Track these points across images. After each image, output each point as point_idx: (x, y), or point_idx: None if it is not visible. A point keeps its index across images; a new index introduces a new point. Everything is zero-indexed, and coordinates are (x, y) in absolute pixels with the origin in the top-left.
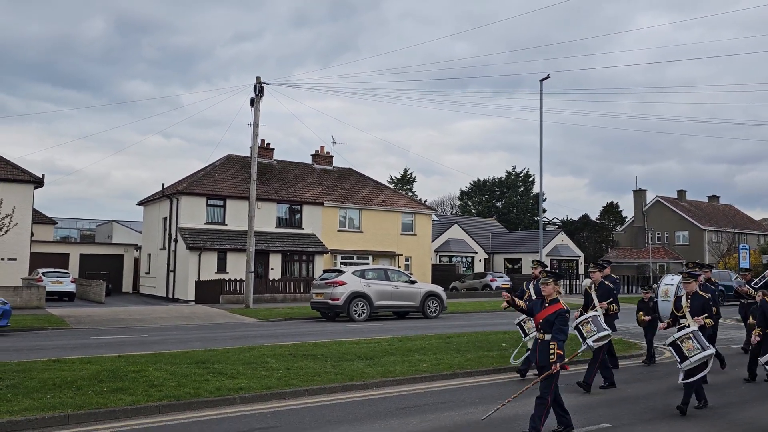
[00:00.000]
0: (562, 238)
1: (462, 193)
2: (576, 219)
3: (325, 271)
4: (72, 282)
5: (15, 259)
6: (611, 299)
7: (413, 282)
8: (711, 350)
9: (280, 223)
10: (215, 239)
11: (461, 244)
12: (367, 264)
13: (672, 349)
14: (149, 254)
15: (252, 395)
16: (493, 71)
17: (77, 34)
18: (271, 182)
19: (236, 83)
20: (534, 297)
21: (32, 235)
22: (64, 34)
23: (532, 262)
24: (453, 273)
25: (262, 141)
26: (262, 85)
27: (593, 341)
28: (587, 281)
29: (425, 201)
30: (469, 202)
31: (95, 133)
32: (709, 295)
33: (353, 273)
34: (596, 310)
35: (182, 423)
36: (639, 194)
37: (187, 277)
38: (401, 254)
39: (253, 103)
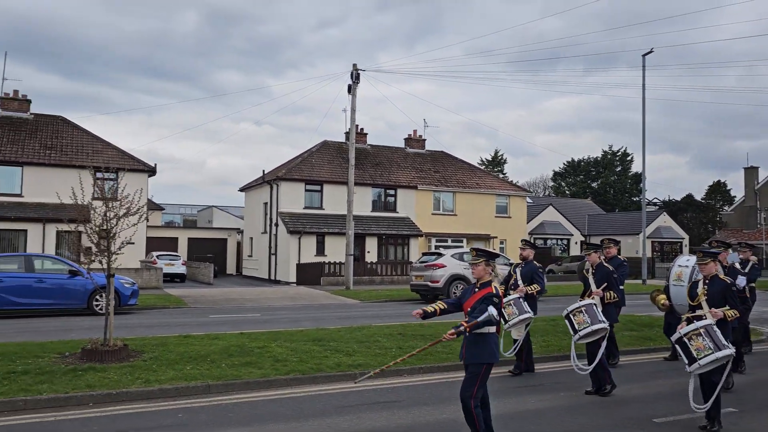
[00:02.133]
0: (664, 219)
1: (555, 173)
2: (679, 199)
3: (424, 254)
4: (183, 264)
5: (133, 243)
6: (606, 284)
7: (511, 264)
8: (728, 351)
9: (375, 206)
10: (314, 223)
11: (556, 226)
12: (462, 247)
13: (678, 348)
14: (251, 238)
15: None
16: (585, 48)
17: (172, 28)
18: (366, 167)
19: (322, 69)
20: (520, 282)
21: (147, 220)
22: (160, 29)
23: (521, 241)
24: (549, 256)
25: (356, 126)
26: (359, 71)
27: (584, 334)
28: (587, 264)
29: (516, 182)
30: (563, 183)
31: (195, 124)
32: (731, 280)
33: (452, 256)
34: (592, 298)
35: (310, 395)
36: (750, 172)
37: (288, 260)
38: (496, 237)
39: (350, 89)
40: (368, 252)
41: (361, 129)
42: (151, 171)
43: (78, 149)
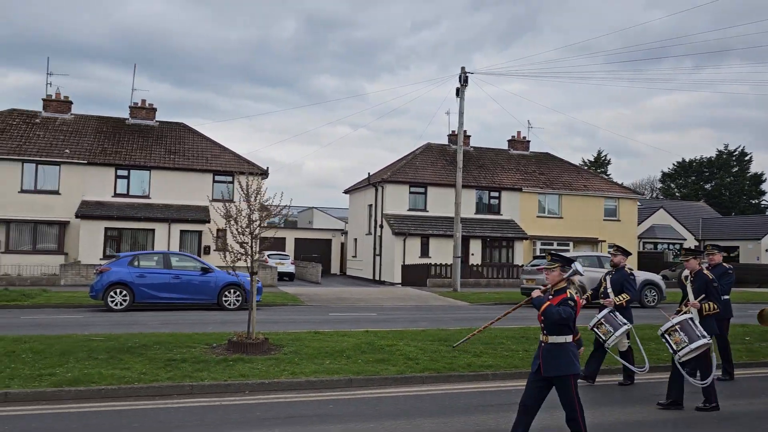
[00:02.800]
0: None
1: (664, 174)
2: None
3: (535, 257)
4: (292, 264)
5: (247, 243)
6: (704, 295)
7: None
8: None
9: (479, 209)
10: (418, 225)
11: (667, 230)
12: (568, 250)
13: None
14: (355, 239)
15: (502, 373)
16: (693, 44)
17: (272, 35)
18: (470, 169)
19: (416, 72)
20: (610, 290)
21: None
22: (261, 36)
23: (611, 246)
24: (660, 261)
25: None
26: (467, 74)
27: (684, 354)
28: (686, 272)
29: (622, 184)
30: (672, 185)
31: (293, 128)
32: None
33: None
34: (688, 310)
35: (448, 393)
36: None
37: (392, 261)
38: (604, 241)
39: (459, 92)
40: (472, 254)
41: (464, 131)
42: (264, 174)
43: (198, 154)
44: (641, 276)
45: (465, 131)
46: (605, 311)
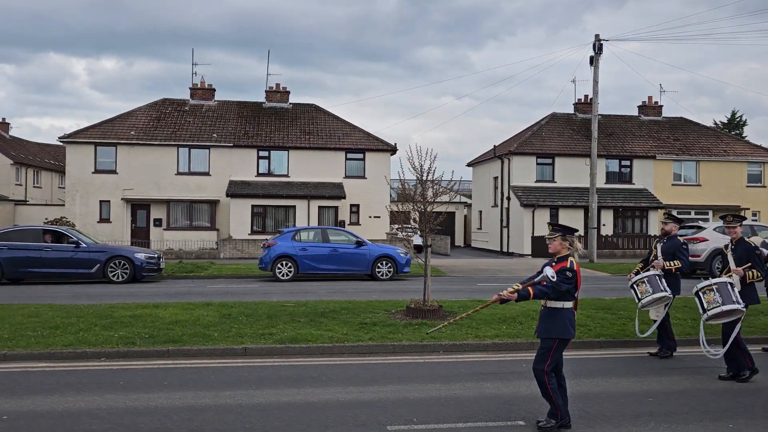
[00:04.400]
0: None
1: None
2: None
3: (680, 227)
4: (419, 236)
5: (379, 217)
6: (749, 264)
7: None
8: None
9: (610, 178)
10: (547, 196)
11: None
12: (707, 219)
13: None
14: (480, 211)
15: (678, 339)
16: None
17: (375, 10)
18: (598, 138)
19: (522, 38)
20: (661, 258)
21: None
22: (364, 12)
23: (663, 215)
24: None
25: (585, 97)
26: (601, 42)
27: (713, 314)
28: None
29: (760, 146)
30: None
31: (398, 101)
32: None
33: (715, 229)
34: (729, 277)
35: (621, 357)
36: None
37: (521, 233)
38: (747, 208)
39: (593, 61)
40: (603, 225)
41: (590, 99)
42: (392, 150)
43: (330, 133)
44: None
45: (590, 99)
46: (652, 272)
